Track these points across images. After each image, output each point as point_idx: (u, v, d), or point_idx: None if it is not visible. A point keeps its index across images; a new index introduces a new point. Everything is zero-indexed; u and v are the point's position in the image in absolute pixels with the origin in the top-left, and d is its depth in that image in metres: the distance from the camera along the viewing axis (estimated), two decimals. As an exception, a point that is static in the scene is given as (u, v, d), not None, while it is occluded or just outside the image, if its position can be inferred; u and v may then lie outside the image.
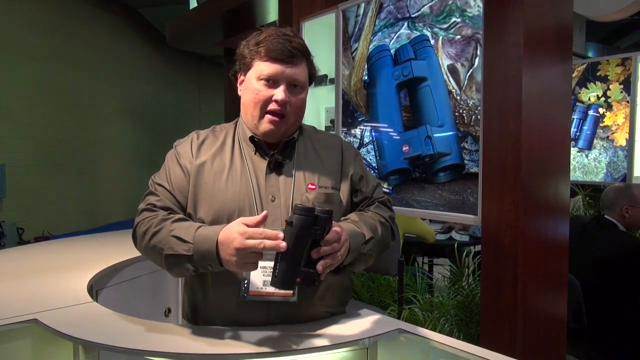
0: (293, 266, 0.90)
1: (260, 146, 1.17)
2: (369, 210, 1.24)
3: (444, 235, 3.44)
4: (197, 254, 0.99)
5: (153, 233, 1.05)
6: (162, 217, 1.07)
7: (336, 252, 0.98)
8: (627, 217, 2.32)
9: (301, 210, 0.90)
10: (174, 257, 1.02)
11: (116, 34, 8.23)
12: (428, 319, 2.22)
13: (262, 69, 1.11)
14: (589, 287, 2.13)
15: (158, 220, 1.07)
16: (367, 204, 1.25)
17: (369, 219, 1.18)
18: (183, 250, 1.00)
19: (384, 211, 1.25)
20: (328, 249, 0.96)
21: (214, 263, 0.98)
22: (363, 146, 2.26)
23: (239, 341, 1.00)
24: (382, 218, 1.22)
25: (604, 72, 3.72)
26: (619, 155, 3.61)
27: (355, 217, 1.17)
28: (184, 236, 1.01)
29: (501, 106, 1.65)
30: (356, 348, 1.04)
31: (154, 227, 1.06)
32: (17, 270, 1.62)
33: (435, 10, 1.90)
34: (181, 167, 1.15)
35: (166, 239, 1.03)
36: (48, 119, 6.77)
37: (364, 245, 1.11)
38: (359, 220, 1.15)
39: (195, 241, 0.99)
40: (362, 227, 1.14)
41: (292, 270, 0.90)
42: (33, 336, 1.14)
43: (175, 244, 1.01)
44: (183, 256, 1.00)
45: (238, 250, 0.93)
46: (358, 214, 1.20)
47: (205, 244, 0.98)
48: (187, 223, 1.05)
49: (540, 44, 1.66)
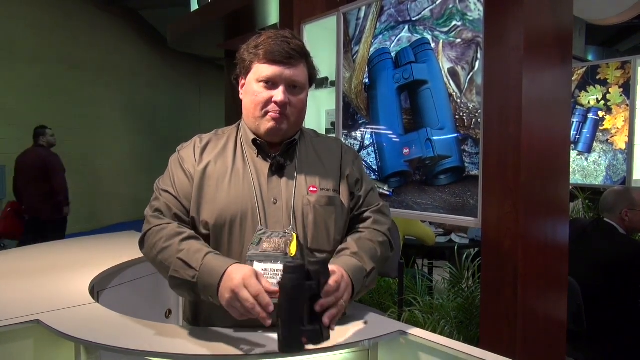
0: (296, 327, 0.85)
1: (263, 148, 1.17)
2: (365, 229, 1.19)
3: (444, 238, 3.44)
4: (201, 284, 0.99)
5: (161, 249, 1.05)
6: (171, 232, 1.06)
7: (339, 300, 0.94)
8: (626, 220, 2.32)
9: (291, 269, 0.84)
10: (178, 280, 1.02)
11: (117, 36, 8.25)
12: (428, 321, 2.23)
13: (261, 71, 1.12)
14: (588, 289, 2.13)
15: (167, 235, 1.06)
16: (362, 216, 1.22)
17: (368, 243, 1.15)
18: (188, 276, 1.00)
19: (381, 225, 1.21)
20: (331, 300, 0.91)
21: (214, 297, 0.98)
22: (364, 148, 2.26)
23: (240, 342, 1.00)
24: (380, 236, 1.18)
25: (603, 75, 3.73)
26: (619, 158, 3.62)
27: (354, 247, 1.12)
28: (190, 261, 1.00)
29: (501, 109, 1.65)
30: (357, 350, 1.04)
31: (163, 243, 1.05)
32: (18, 271, 1.62)
33: (435, 13, 1.91)
34: (185, 172, 1.14)
35: (172, 259, 1.02)
36: (49, 120, 6.77)
37: (366, 279, 1.08)
38: (358, 251, 1.11)
39: (201, 270, 0.98)
40: (363, 257, 1.10)
41: (296, 331, 0.85)
42: (35, 337, 1.15)
43: (181, 267, 1.00)
44: (187, 282, 1.00)
45: (232, 292, 0.93)
46: (356, 240, 1.15)
47: (211, 277, 0.97)
48: (196, 245, 1.03)
49: (540, 47, 1.67)
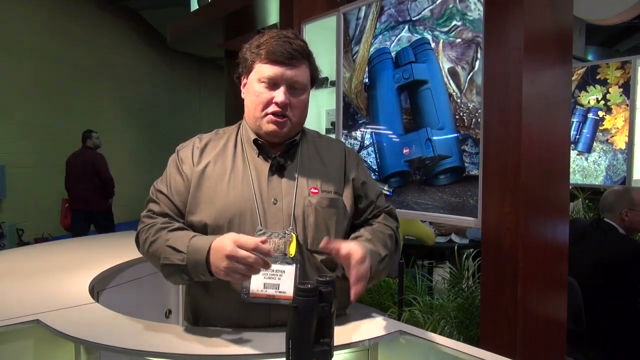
0: (306, 350, 0.85)
1: (263, 148, 1.17)
2: (375, 222, 1.22)
3: (444, 238, 3.44)
4: (190, 264, 1.01)
5: (151, 242, 1.08)
6: (159, 226, 1.09)
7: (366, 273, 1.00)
8: (626, 220, 2.32)
9: (304, 293, 0.84)
10: (169, 267, 1.04)
11: (117, 35, 8.25)
12: (428, 321, 2.23)
13: (263, 71, 1.12)
14: (588, 289, 2.13)
15: (156, 229, 1.09)
16: (374, 214, 1.24)
17: (380, 234, 1.17)
18: (177, 260, 1.02)
19: (391, 222, 1.24)
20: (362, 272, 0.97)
21: (204, 273, 1.00)
22: (364, 148, 2.26)
23: (240, 342, 1.00)
24: (390, 230, 1.21)
25: (603, 75, 3.72)
26: (619, 158, 3.61)
27: (367, 235, 1.15)
28: (178, 246, 1.03)
29: (501, 109, 1.65)
30: (357, 350, 1.04)
31: (152, 236, 1.08)
32: (18, 272, 1.62)
33: (435, 13, 1.91)
34: (181, 173, 1.15)
35: (162, 248, 1.05)
36: (48, 120, 6.78)
37: (380, 264, 1.10)
38: (372, 238, 1.13)
39: (188, 251, 1.01)
40: (376, 244, 1.12)
41: (306, 353, 0.85)
42: (35, 337, 1.15)
43: (170, 253, 1.03)
44: (178, 266, 1.02)
45: (228, 257, 0.94)
46: (369, 229, 1.18)
47: (197, 254, 1.00)
48: (182, 232, 1.07)
49: (541, 47, 1.67)
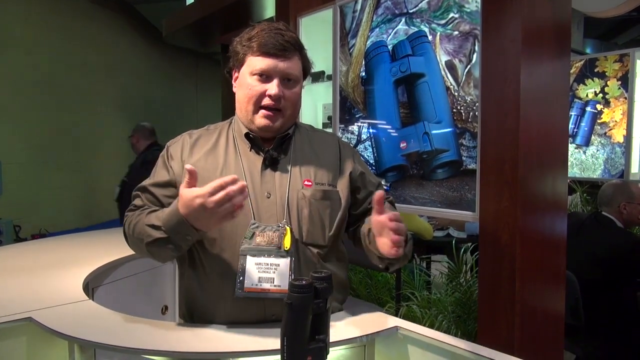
0: (301, 347, 0.84)
1: (256, 142, 1.16)
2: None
3: (442, 232, 3.44)
4: (171, 232, 1.00)
5: (133, 227, 1.09)
6: (138, 212, 1.12)
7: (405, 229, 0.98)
8: (624, 213, 2.32)
9: (299, 289, 0.82)
10: (153, 244, 1.04)
11: (112, 30, 8.18)
12: (426, 315, 2.22)
13: (255, 63, 1.11)
14: (586, 283, 2.13)
15: (135, 215, 1.11)
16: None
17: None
18: (158, 234, 1.02)
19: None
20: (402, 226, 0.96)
21: (188, 230, 0.99)
22: (360, 143, 2.25)
23: (235, 339, 1.00)
24: None
25: (601, 68, 3.71)
26: (617, 151, 3.61)
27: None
28: (155, 222, 1.04)
29: (499, 102, 1.64)
30: (354, 345, 1.04)
31: (133, 222, 1.10)
32: (12, 268, 1.61)
33: (433, 6, 1.89)
34: (167, 169, 1.16)
35: (142, 229, 1.06)
36: (44, 116, 6.73)
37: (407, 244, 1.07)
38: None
39: (163, 221, 1.01)
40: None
41: (301, 351, 0.84)
42: (27, 335, 1.13)
43: (151, 231, 1.04)
44: (160, 239, 1.02)
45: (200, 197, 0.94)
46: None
47: (172, 217, 1.00)
48: (159, 211, 1.08)
49: (539, 40, 1.65)
